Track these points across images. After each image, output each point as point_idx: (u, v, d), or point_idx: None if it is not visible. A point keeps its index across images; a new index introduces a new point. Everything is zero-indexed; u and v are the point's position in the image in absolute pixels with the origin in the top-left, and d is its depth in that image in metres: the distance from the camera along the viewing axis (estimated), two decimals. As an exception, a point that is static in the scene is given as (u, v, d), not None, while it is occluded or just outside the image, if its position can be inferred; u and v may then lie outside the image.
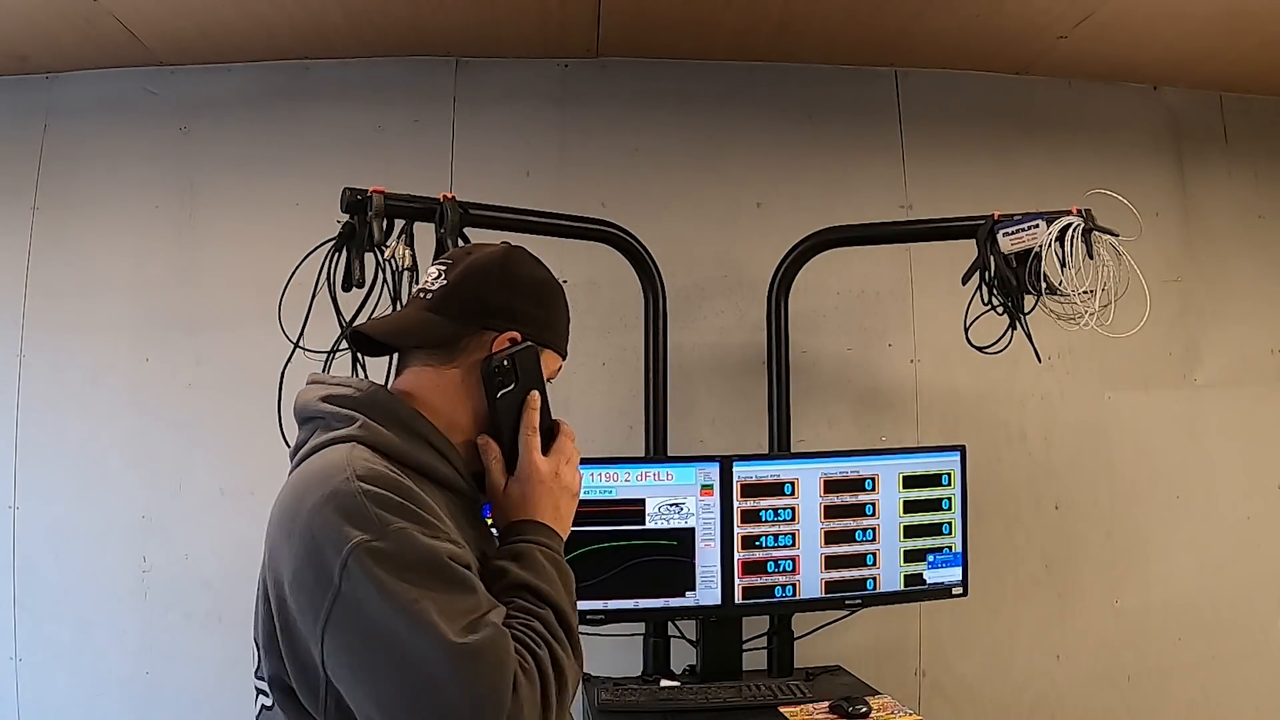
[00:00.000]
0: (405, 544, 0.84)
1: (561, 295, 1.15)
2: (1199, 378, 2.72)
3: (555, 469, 1.06)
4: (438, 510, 0.91)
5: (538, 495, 1.04)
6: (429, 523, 0.87)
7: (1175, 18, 2.32)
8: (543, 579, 0.96)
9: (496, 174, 2.52)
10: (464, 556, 0.88)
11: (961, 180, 2.65)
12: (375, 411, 0.98)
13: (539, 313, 1.09)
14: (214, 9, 2.24)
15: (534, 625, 0.90)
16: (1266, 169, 2.81)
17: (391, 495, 0.87)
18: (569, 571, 1.03)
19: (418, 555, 0.84)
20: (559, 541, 1.05)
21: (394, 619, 0.81)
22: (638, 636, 2.19)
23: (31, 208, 2.50)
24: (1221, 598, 2.65)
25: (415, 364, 1.04)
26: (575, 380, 2.51)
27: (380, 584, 0.81)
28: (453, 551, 0.87)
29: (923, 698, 2.53)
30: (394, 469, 0.91)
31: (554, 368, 1.12)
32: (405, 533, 0.85)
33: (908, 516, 2.12)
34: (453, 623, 0.81)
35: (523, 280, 1.09)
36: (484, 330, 1.03)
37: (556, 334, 1.13)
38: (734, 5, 2.30)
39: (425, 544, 0.85)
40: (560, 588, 0.98)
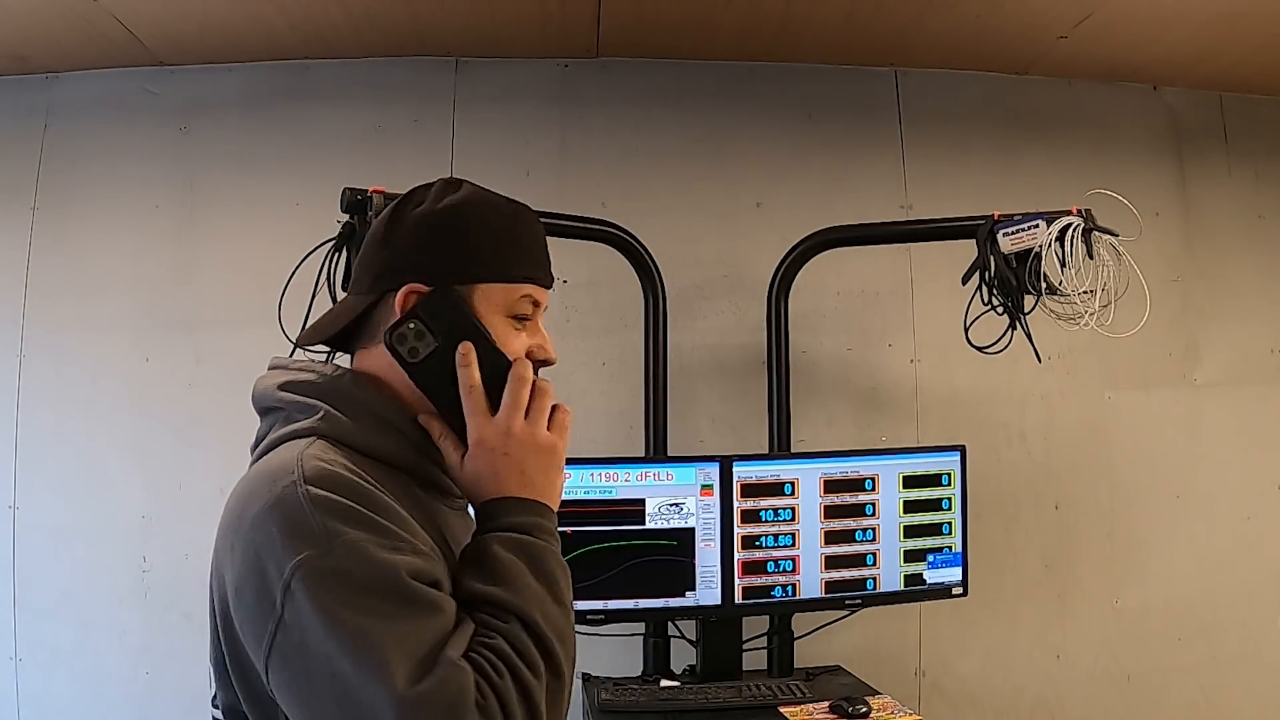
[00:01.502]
0: (356, 560, 0.73)
1: (486, 213, 0.92)
2: (1199, 378, 2.72)
3: (506, 427, 0.86)
4: (404, 515, 0.79)
5: (494, 465, 0.85)
6: (388, 532, 0.76)
7: (1175, 18, 2.32)
8: (504, 583, 0.80)
9: (496, 174, 2.49)
10: (430, 571, 0.76)
11: (961, 180, 2.65)
12: (340, 400, 0.86)
13: (449, 249, 0.89)
14: (214, 9, 2.24)
15: (496, 646, 0.76)
16: (1266, 169, 2.81)
17: (343, 500, 0.76)
18: (546, 555, 0.84)
19: (370, 573, 0.73)
20: (533, 515, 0.86)
21: (339, 654, 0.70)
22: (638, 636, 2.19)
23: (31, 207, 2.50)
24: (1221, 598, 2.65)
25: (357, 347, 0.93)
26: (575, 380, 2.51)
27: (325, 611, 0.71)
28: (414, 566, 0.75)
29: (923, 698, 2.53)
30: (355, 468, 0.80)
31: (509, 299, 0.90)
32: (357, 546, 0.73)
33: (908, 516, 2.12)
34: (404, 662, 0.70)
35: (413, 220, 0.90)
36: (384, 294, 0.89)
37: (487, 261, 0.90)
38: (734, 5, 2.30)
39: (380, 559, 0.73)
40: (528, 586, 0.81)
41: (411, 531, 0.78)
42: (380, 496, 0.78)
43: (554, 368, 0.95)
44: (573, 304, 2.53)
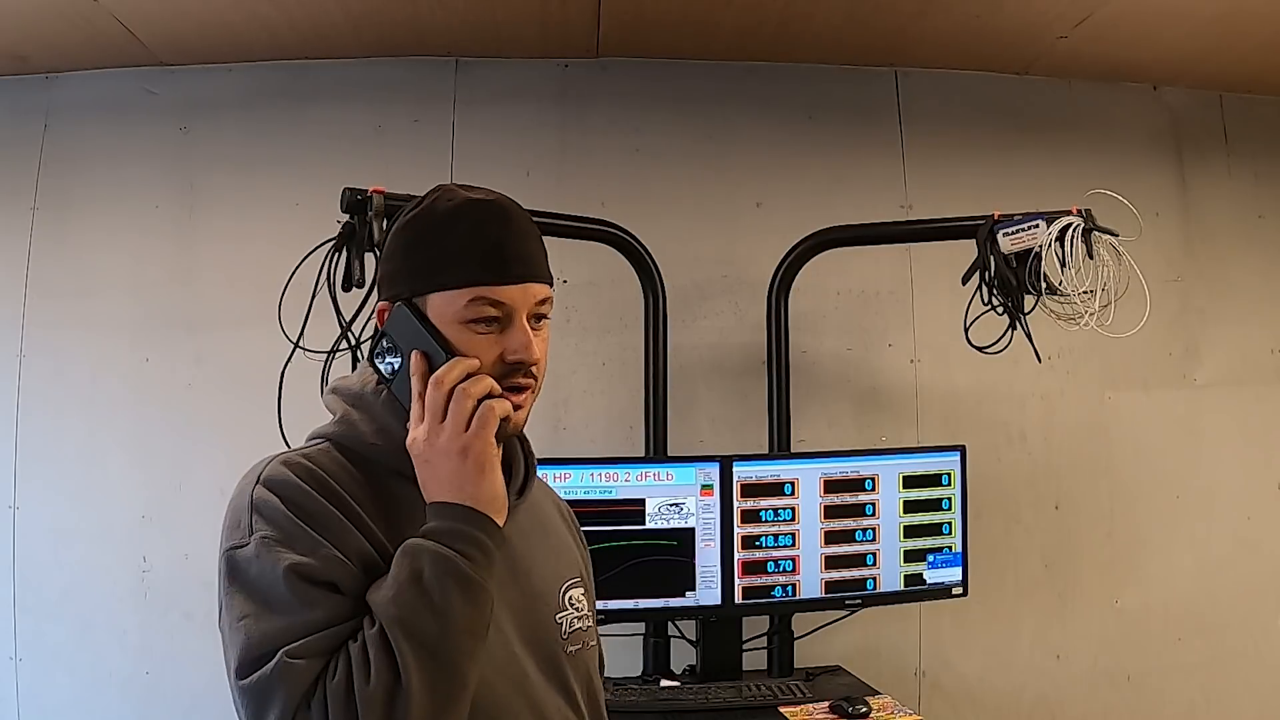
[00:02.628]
0: (257, 554, 0.81)
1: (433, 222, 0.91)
2: (1199, 378, 2.72)
3: (424, 434, 0.86)
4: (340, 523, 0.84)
5: (422, 474, 0.87)
6: (297, 534, 0.82)
7: (1175, 18, 2.32)
8: (382, 588, 0.81)
9: (496, 174, 2.50)
10: (325, 572, 0.81)
11: (961, 180, 2.65)
12: (363, 407, 0.94)
13: (400, 264, 0.92)
14: (214, 9, 2.24)
15: (352, 650, 0.78)
16: (1266, 169, 2.81)
17: (279, 503, 0.83)
18: (437, 561, 0.81)
19: (261, 568, 0.80)
20: (449, 519, 0.84)
21: (226, 635, 0.81)
22: (638, 636, 2.19)
23: (31, 208, 2.50)
24: (1221, 598, 2.65)
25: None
26: (575, 380, 2.51)
27: (227, 594, 0.82)
28: (306, 566, 0.80)
29: (923, 698, 2.53)
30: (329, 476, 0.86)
31: (456, 305, 0.89)
32: (263, 542, 0.81)
33: (908, 516, 2.12)
34: (248, 654, 0.78)
35: (390, 238, 0.95)
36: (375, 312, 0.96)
37: (430, 271, 0.90)
38: (734, 5, 2.30)
39: (274, 556, 0.80)
40: (400, 593, 0.80)
41: (336, 536, 0.83)
42: (318, 503, 0.84)
43: (554, 368, 0.95)
44: (573, 304, 2.52)
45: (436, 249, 0.90)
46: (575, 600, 1.03)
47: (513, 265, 0.91)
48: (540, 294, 0.93)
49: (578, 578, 1.06)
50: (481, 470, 0.86)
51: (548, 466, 2.00)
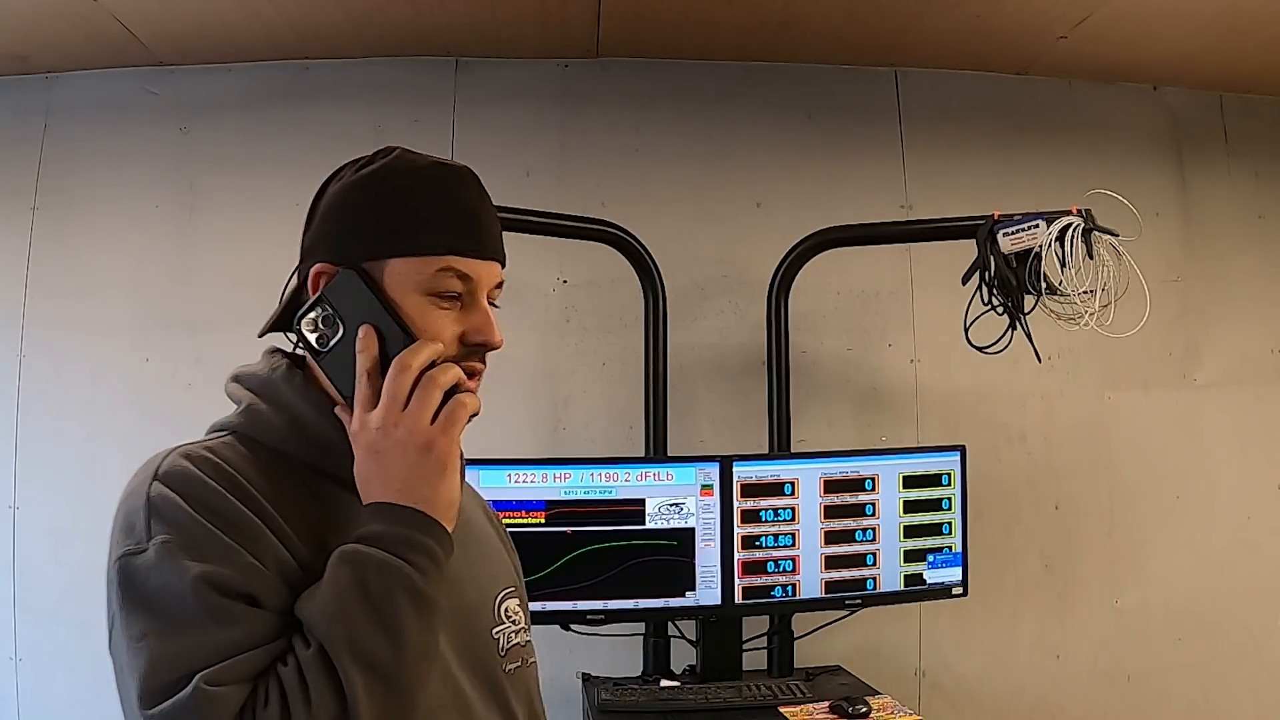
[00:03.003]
0: (159, 562, 0.70)
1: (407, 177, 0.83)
2: (1199, 378, 2.72)
3: (379, 421, 0.77)
4: (254, 525, 0.73)
5: (366, 466, 0.77)
6: (207, 538, 0.71)
7: (1175, 18, 2.32)
8: (322, 601, 0.71)
9: (496, 174, 2.48)
10: (241, 582, 0.70)
11: (961, 180, 2.65)
12: (268, 394, 0.83)
13: (356, 222, 0.81)
14: (214, 9, 2.24)
15: (284, 674, 0.69)
16: (1266, 169, 2.81)
17: (181, 502, 0.72)
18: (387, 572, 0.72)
19: (164, 579, 0.69)
20: (397, 524, 0.75)
21: (121, 655, 0.70)
22: (638, 636, 2.19)
23: (31, 208, 2.50)
24: (1221, 598, 2.65)
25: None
26: (575, 380, 2.51)
27: (122, 608, 0.71)
28: (217, 576, 0.69)
29: (923, 698, 2.53)
30: (237, 472, 0.76)
31: (422, 274, 0.80)
32: (165, 548, 0.70)
33: (908, 516, 2.12)
34: (155, 679, 0.67)
35: (335, 193, 0.84)
36: (304, 278, 0.84)
37: (396, 234, 0.80)
38: (734, 5, 2.30)
39: (179, 565, 0.69)
40: (345, 609, 0.71)
41: (250, 542, 0.72)
42: (228, 503, 0.73)
43: (554, 368, 0.92)
44: (573, 304, 2.53)
45: (404, 209, 0.81)
46: (511, 612, 0.94)
47: (485, 238, 0.84)
48: (499, 276, 0.86)
49: (511, 587, 0.97)
50: (443, 471, 0.77)
51: (548, 466, 2.01)
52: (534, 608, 1.96)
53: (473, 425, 0.81)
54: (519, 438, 2.46)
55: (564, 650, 2.38)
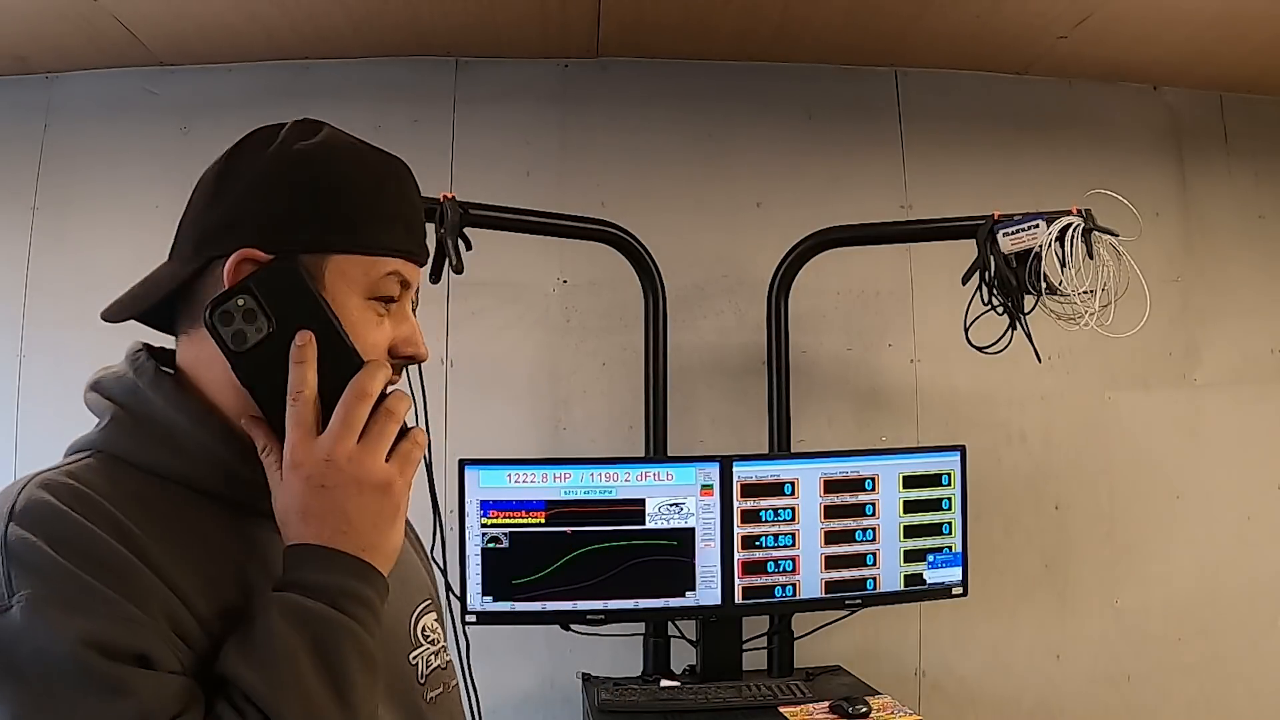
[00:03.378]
0: (26, 625, 0.57)
1: (359, 165, 0.74)
2: (1199, 377, 2.72)
3: (328, 452, 0.66)
4: (136, 569, 0.61)
5: (305, 499, 0.66)
6: (84, 590, 0.59)
7: (1175, 18, 2.32)
8: (265, 666, 0.61)
9: (496, 174, 2.52)
10: (130, 641, 0.58)
11: (961, 180, 2.65)
12: (128, 403, 0.71)
13: (300, 204, 0.70)
14: (214, 9, 2.24)
15: None
16: (1266, 169, 2.81)
17: (43, 546, 0.59)
18: (342, 636, 0.64)
19: (35, 644, 0.57)
20: (344, 575, 0.65)
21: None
22: (638, 636, 2.19)
23: (31, 208, 2.50)
24: (1221, 598, 2.65)
25: (178, 330, 0.76)
26: (575, 380, 2.51)
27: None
28: (102, 636, 0.57)
29: (923, 698, 2.53)
30: (103, 497, 0.63)
31: (370, 277, 0.72)
32: (33, 607, 0.57)
33: (908, 516, 2.12)
34: None
35: (261, 162, 0.71)
36: (211, 260, 0.70)
37: (348, 226, 0.71)
38: (734, 5, 2.30)
39: (52, 625, 0.57)
40: (297, 677, 0.61)
41: (133, 590, 0.60)
42: (101, 542, 0.61)
43: (554, 368, 0.88)
44: (573, 304, 2.53)
45: (358, 200, 0.72)
46: (428, 631, 0.85)
47: (424, 241, 0.78)
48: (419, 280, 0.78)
49: (429, 599, 0.89)
50: (395, 516, 0.69)
51: (548, 466, 2.01)
52: (534, 608, 1.97)
53: (473, 425, 0.79)
54: (519, 438, 2.46)
55: (564, 650, 2.38)
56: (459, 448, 2.11)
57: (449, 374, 2.45)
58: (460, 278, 1.87)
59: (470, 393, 2.45)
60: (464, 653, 2.01)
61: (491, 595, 1.96)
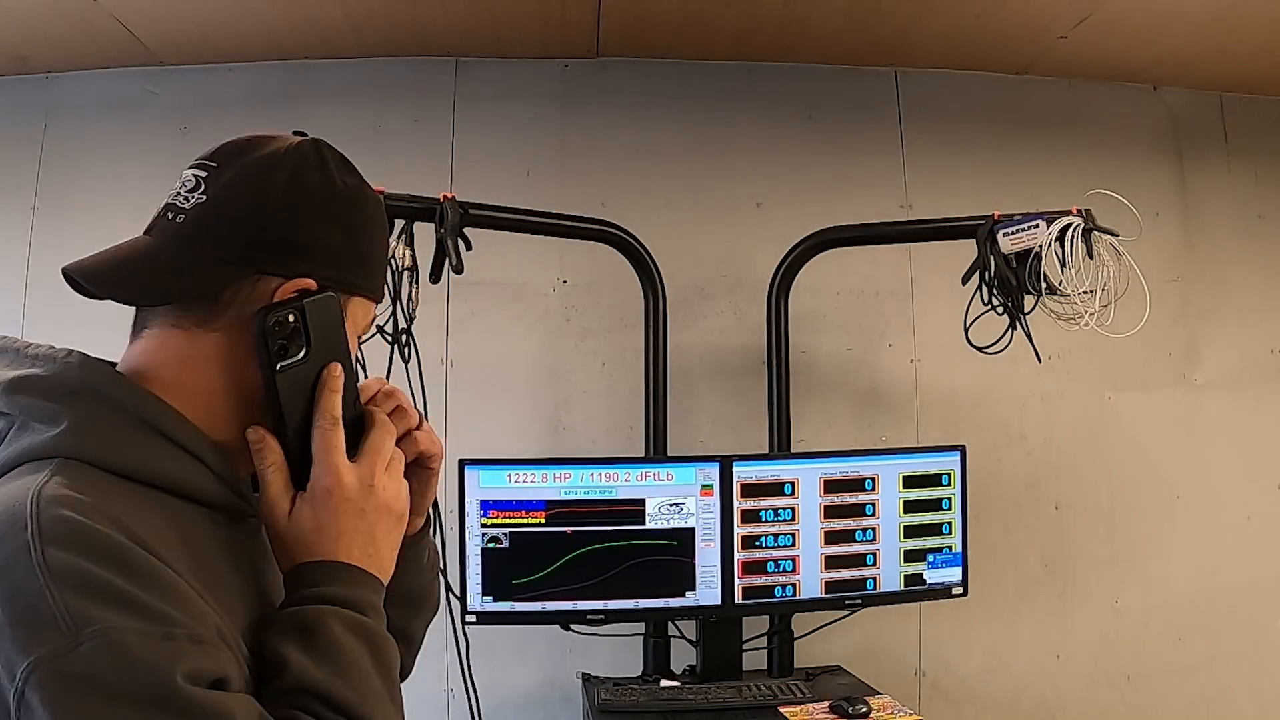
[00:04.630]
0: (114, 658, 0.53)
1: (377, 211, 0.77)
2: (1199, 378, 2.72)
3: (369, 479, 0.70)
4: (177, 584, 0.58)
5: (342, 520, 0.68)
6: (157, 615, 0.56)
7: (1175, 18, 2.32)
8: (341, 673, 0.63)
9: (496, 174, 2.52)
10: (213, 667, 0.57)
11: (961, 180, 2.65)
12: (89, 402, 0.65)
13: (346, 243, 0.72)
14: (214, 9, 2.24)
15: None
16: (1266, 169, 2.81)
17: (95, 568, 0.55)
18: (387, 645, 0.68)
19: (132, 677, 0.53)
20: (375, 591, 0.69)
21: None
22: (638, 636, 2.19)
23: (31, 208, 2.50)
24: (1221, 598, 2.65)
25: (157, 324, 0.70)
26: (575, 380, 2.51)
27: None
28: (192, 665, 0.55)
29: (923, 698, 2.53)
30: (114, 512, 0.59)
31: (366, 320, 0.77)
32: (114, 638, 0.53)
33: (908, 516, 2.12)
34: None
35: (322, 193, 0.71)
36: (260, 274, 0.69)
37: (370, 272, 0.76)
38: (734, 5, 2.30)
39: (145, 656, 0.54)
40: (368, 681, 0.64)
41: (188, 607, 0.58)
42: (147, 560, 0.57)
43: (554, 368, 0.89)
44: (573, 304, 2.53)
45: (378, 246, 0.77)
46: None
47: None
48: None
49: None
50: (400, 545, 0.74)
51: (548, 466, 2.01)
52: (534, 608, 1.97)
53: (473, 425, 0.80)
54: (519, 438, 2.46)
55: (564, 650, 2.38)
56: (459, 448, 2.11)
57: (449, 374, 2.45)
58: (460, 278, 1.87)
59: (470, 393, 2.45)
60: (464, 653, 2.01)
61: (491, 595, 1.96)
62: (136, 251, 0.72)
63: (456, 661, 1.87)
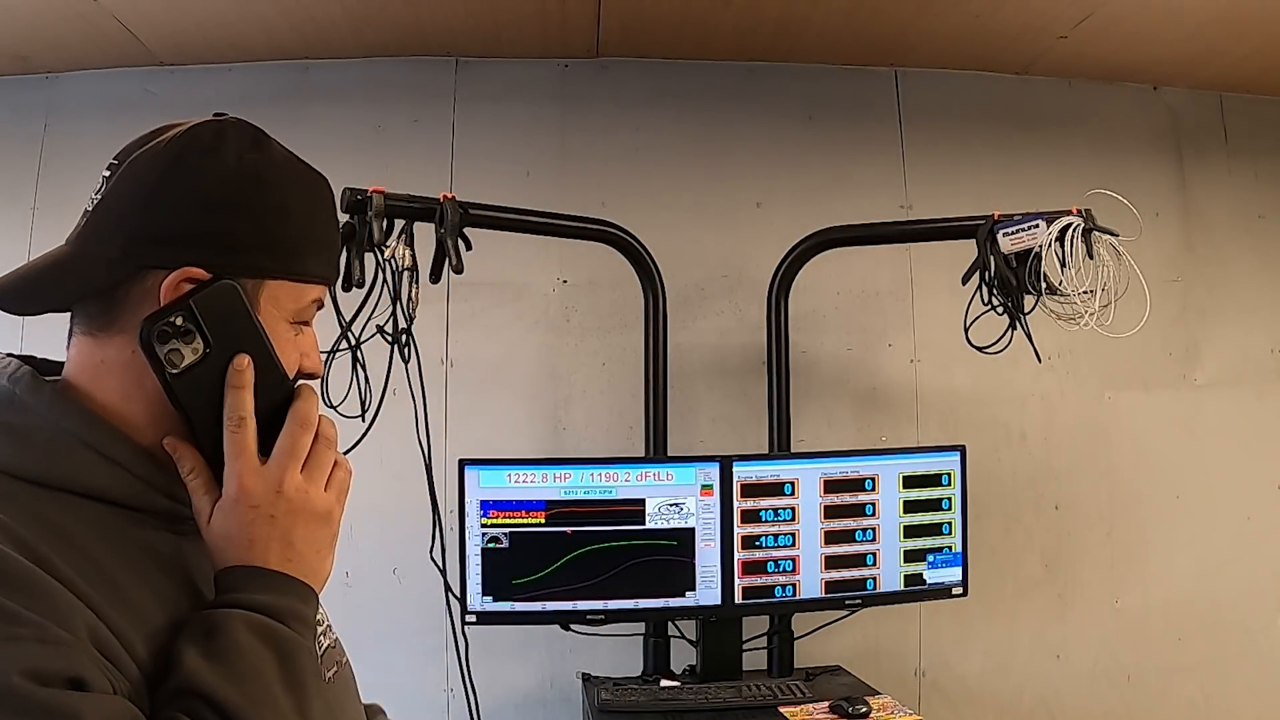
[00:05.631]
0: None
1: (298, 187, 0.73)
2: (1199, 378, 2.72)
3: (277, 482, 0.68)
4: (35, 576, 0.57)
5: (251, 527, 0.67)
6: (10, 616, 0.55)
7: (1175, 18, 2.32)
8: (236, 678, 0.61)
9: (496, 174, 2.52)
10: (61, 666, 0.55)
11: (961, 180, 2.65)
12: (10, 412, 0.65)
13: (245, 225, 0.69)
14: (214, 9, 2.24)
15: None
16: (1266, 169, 2.81)
17: None
18: (301, 653, 0.66)
19: None
20: (291, 597, 0.67)
21: None
22: (638, 636, 2.19)
23: (31, 207, 2.50)
24: (1221, 598, 2.65)
25: (76, 331, 0.70)
26: (575, 380, 2.51)
27: None
28: (34, 664, 0.54)
29: (923, 698, 2.53)
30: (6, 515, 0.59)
31: (298, 304, 0.73)
32: None
33: (908, 516, 2.12)
34: None
35: (207, 174, 0.68)
36: (143, 269, 0.67)
37: (286, 252, 0.71)
38: (734, 5, 2.30)
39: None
40: (268, 690, 0.62)
41: (48, 607, 0.57)
42: (16, 565, 0.57)
43: (554, 368, 0.88)
44: (573, 304, 2.53)
45: (300, 224, 0.72)
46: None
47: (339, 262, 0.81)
48: None
49: None
50: (333, 543, 0.71)
51: (548, 466, 2.01)
52: (534, 608, 1.97)
53: (473, 425, 0.79)
54: (519, 438, 2.46)
55: (564, 650, 2.38)
56: (459, 448, 2.11)
57: (449, 374, 2.45)
58: (460, 278, 1.87)
59: (470, 393, 2.45)
60: (464, 653, 2.01)
61: (491, 595, 1.96)
62: (47, 260, 0.69)
63: (456, 661, 1.87)
